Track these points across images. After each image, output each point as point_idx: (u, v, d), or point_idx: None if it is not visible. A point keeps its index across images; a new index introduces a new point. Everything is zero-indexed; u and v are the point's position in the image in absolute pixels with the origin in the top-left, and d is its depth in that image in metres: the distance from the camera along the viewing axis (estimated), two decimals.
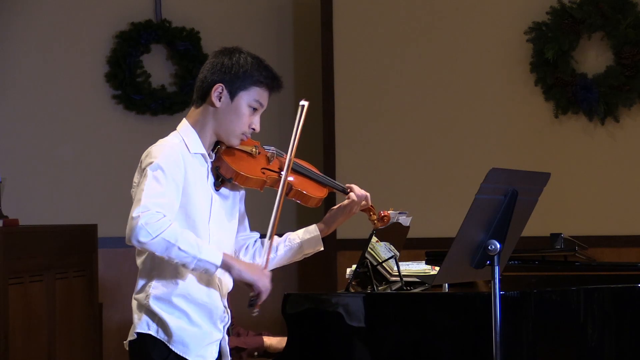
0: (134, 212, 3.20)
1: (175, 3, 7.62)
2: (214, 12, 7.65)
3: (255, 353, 4.83)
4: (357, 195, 3.64)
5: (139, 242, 3.20)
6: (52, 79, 7.53)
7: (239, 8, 7.67)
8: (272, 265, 3.62)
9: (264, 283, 3.37)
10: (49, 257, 6.27)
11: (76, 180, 7.51)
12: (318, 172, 3.68)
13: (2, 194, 6.26)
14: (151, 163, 3.30)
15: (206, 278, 3.40)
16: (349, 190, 3.66)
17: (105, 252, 7.03)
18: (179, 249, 3.22)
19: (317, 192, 3.61)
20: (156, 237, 3.18)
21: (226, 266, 3.31)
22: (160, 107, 7.50)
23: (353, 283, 4.36)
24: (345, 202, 3.65)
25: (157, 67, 7.59)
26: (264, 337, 4.89)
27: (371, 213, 3.69)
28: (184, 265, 3.27)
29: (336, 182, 3.72)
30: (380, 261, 4.41)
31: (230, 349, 4.69)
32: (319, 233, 3.66)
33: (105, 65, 7.55)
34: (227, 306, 3.49)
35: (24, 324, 5.97)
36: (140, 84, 7.52)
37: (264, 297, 3.37)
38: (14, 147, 7.48)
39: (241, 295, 3.48)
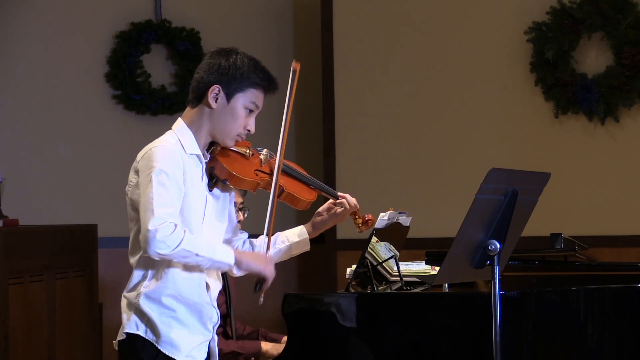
0: (150, 225, 3.23)
1: (175, 3, 7.62)
2: (214, 12, 7.65)
3: (252, 358, 4.81)
4: (350, 205, 3.68)
5: (158, 254, 3.26)
6: (52, 79, 7.54)
7: (239, 8, 7.67)
8: None
9: (270, 270, 3.45)
10: (49, 257, 6.27)
11: (76, 180, 7.51)
12: (308, 175, 3.69)
13: (2, 194, 6.26)
14: (154, 168, 3.31)
15: (197, 278, 3.41)
16: (340, 197, 3.69)
17: (105, 252, 7.03)
18: (197, 255, 3.30)
19: (307, 195, 3.64)
20: (175, 248, 3.25)
21: (237, 262, 3.40)
22: (160, 107, 7.51)
23: (353, 283, 4.35)
24: (338, 209, 3.69)
25: (157, 67, 7.59)
26: (261, 342, 4.88)
27: (356, 217, 3.71)
28: (198, 267, 3.36)
29: (327, 186, 3.74)
30: (380, 261, 4.41)
31: (227, 353, 4.69)
32: (307, 236, 3.71)
33: (105, 65, 7.56)
34: (216, 306, 3.50)
35: (24, 324, 5.97)
36: (140, 84, 7.53)
37: (268, 283, 3.45)
38: (14, 147, 7.49)
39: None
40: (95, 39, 7.56)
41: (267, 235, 3.52)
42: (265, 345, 4.85)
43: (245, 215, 4.75)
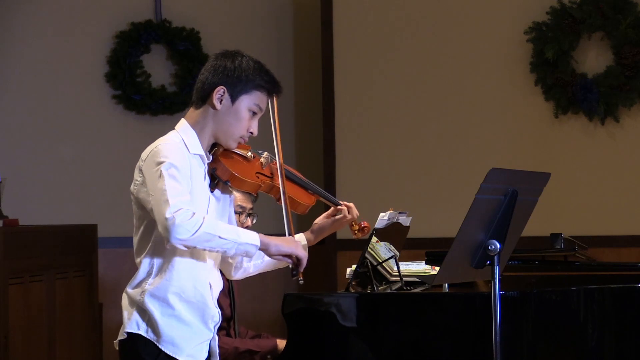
0: (167, 213, 3.21)
1: (175, 3, 7.62)
2: (214, 12, 7.65)
3: (269, 356, 4.80)
4: (351, 214, 3.71)
5: (179, 240, 3.22)
6: (52, 79, 7.54)
7: (239, 8, 7.67)
8: (257, 270, 3.70)
9: (301, 251, 3.43)
10: (49, 257, 6.27)
11: (76, 180, 7.51)
12: (307, 180, 3.71)
13: (2, 194, 6.26)
14: (163, 162, 3.31)
15: (201, 277, 3.40)
16: (341, 205, 3.71)
17: (105, 252, 7.03)
18: (220, 237, 3.26)
19: (306, 199, 3.66)
20: (195, 232, 3.21)
21: (264, 244, 3.37)
22: (160, 107, 7.51)
23: (353, 283, 4.36)
24: (338, 216, 3.72)
25: (157, 67, 7.59)
26: (277, 339, 4.86)
27: (353, 223, 3.73)
28: (224, 252, 3.33)
29: (325, 192, 3.77)
30: (380, 261, 4.41)
31: (244, 352, 4.68)
32: (306, 243, 3.72)
33: (105, 65, 7.56)
34: (217, 306, 3.49)
35: (24, 324, 5.97)
36: (140, 84, 7.53)
37: (304, 263, 3.44)
38: (14, 147, 7.49)
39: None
40: (95, 39, 7.56)
41: (288, 230, 3.52)
42: (281, 343, 4.83)
43: (254, 222, 4.75)
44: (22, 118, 7.53)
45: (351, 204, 3.73)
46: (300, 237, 3.71)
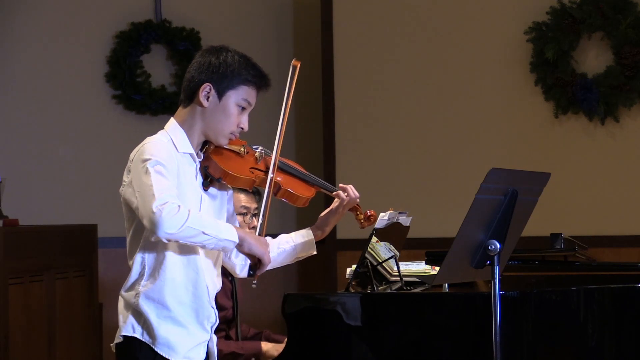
0: (153, 207, 3.17)
1: (175, 3, 7.62)
2: (214, 12, 7.65)
3: (253, 359, 4.80)
4: (350, 195, 3.64)
5: (166, 233, 3.19)
6: (52, 79, 7.54)
7: (239, 8, 7.67)
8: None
9: (267, 257, 3.39)
10: (49, 257, 6.27)
11: (76, 180, 7.51)
12: (305, 172, 3.67)
13: (2, 194, 6.26)
14: (149, 160, 3.28)
15: (194, 278, 3.39)
16: (336, 190, 3.66)
17: (105, 252, 7.03)
18: (204, 233, 3.24)
19: (305, 192, 3.61)
20: (182, 227, 3.19)
21: (240, 239, 3.34)
22: (160, 107, 7.51)
23: (353, 283, 4.36)
24: (336, 203, 3.66)
25: (157, 67, 7.60)
26: (262, 342, 4.86)
27: (358, 212, 3.69)
28: (204, 246, 3.31)
29: (325, 182, 3.71)
30: (380, 261, 4.41)
31: (227, 354, 4.68)
32: (312, 237, 3.68)
33: (105, 65, 7.56)
34: (214, 306, 3.48)
35: (24, 324, 5.97)
36: (140, 84, 7.53)
37: (264, 268, 3.41)
38: (14, 147, 7.49)
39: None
40: (95, 39, 7.56)
41: (261, 223, 3.47)
42: (266, 346, 4.83)
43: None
44: (22, 118, 7.53)
45: (347, 186, 3.66)
46: (308, 233, 3.67)
